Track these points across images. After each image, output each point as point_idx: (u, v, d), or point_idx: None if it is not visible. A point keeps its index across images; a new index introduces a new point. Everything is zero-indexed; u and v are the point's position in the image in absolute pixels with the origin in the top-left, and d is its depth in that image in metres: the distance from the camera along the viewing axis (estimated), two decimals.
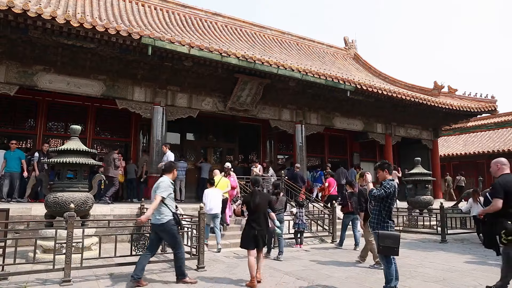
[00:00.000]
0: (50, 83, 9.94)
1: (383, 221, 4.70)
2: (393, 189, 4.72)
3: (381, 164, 4.98)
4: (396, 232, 4.70)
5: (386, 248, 4.48)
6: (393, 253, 4.52)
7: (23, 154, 10.07)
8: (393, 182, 4.82)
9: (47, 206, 6.70)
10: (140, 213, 9.23)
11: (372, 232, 4.94)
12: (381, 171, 4.89)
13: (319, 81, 12.21)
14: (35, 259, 5.61)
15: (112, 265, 5.58)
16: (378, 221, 4.74)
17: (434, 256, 7.61)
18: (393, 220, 4.78)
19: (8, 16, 7.93)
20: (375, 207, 4.84)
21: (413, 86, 17.96)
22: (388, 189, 4.68)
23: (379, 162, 5.12)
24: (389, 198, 4.69)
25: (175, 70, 10.94)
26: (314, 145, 17.30)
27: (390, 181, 4.78)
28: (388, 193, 4.66)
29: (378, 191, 4.72)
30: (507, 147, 21.34)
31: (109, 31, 8.83)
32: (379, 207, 4.76)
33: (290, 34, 19.75)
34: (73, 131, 7.17)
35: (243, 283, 5.18)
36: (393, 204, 4.76)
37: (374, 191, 4.77)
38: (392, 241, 4.48)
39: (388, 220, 4.70)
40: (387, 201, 4.71)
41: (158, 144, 11.08)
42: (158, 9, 15.10)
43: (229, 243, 8.37)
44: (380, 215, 4.74)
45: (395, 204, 5.03)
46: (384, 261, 4.63)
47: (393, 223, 4.78)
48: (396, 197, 4.82)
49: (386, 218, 4.71)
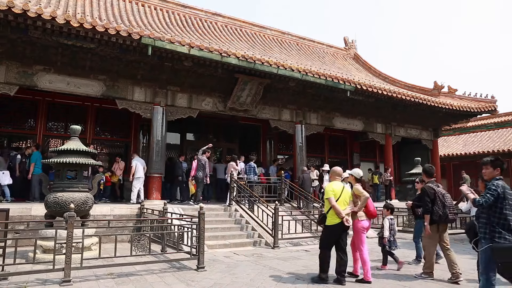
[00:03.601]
0: (50, 83, 9.94)
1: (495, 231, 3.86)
2: (502, 190, 3.88)
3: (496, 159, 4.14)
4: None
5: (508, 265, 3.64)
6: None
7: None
8: (502, 181, 4.00)
9: (47, 206, 6.70)
10: (140, 213, 9.25)
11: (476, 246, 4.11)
12: (492, 168, 4.10)
13: (319, 81, 12.21)
14: (35, 259, 5.61)
15: (112, 265, 5.57)
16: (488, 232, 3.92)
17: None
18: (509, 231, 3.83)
19: (8, 16, 7.93)
20: (482, 216, 4.04)
21: (413, 86, 17.97)
22: (495, 190, 3.88)
23: (491, 158, 4.20)
24: (499, 202, 3.87)
25: (175, 70, 10.94)
26: (314, 145, 17.31)
27: (497, 181, 3.99)
28: (497, 196, 3.85)
29: (483, 197, 3.95)
30: (507, 147, 21.35)
31: (109, 31, 8.83)
32: (488, 214, 3.96)
33: (290, 34, 19.76)
34: (73, 131, 7.17)
35: (243, 283, 5.17)
36: (507, 209, 3.86)
37: (478, 199, 3.98)
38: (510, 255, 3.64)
39: (502, 230, 3.81)
40: (497, 206, 3.90)
41: (158, 144, 11.08)
42: (158, 9, 15.11)
43: (229, 243, 8.38)
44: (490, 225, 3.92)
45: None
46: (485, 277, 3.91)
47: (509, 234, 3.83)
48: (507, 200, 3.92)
49: (499, 227, 3.85)
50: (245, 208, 10.10)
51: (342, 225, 5.24)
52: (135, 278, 5.47)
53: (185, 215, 7.52)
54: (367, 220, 5.69)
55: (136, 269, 5.92)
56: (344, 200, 5.40)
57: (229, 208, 10.38)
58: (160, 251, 7.01)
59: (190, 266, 6.22)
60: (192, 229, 6.41)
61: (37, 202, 9.50)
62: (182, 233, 6.95)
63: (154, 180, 10.99)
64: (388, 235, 6.42)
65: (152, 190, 10.85)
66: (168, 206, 8.75)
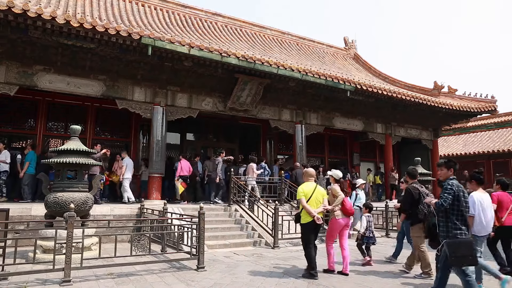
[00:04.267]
0: (50, 83, 9.94)
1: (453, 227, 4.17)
2: (456, 188, 4.19)
3: (448, 161, 4.49)
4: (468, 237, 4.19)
5: (459, 258, 3.98)
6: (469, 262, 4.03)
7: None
8: (455, 180, 4.33)
9: (47, 206, 6.70)
10: (140, 213, 9.25)
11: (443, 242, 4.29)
12: (446, 169, 4.44)
13: (319, 81, 12.21)
14: (35, 259, 5.61)
15: (112, 265, 5.57)
16: (447, 229, 4.20)
17: (434, 256, 7.59)
18: (466, 227, 4.21)
19: (8, 16, 7.93)
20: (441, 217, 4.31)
21: (413, 86, 17.97)
22: (451, 189, 4.19)
23: (444, 160, 4.62)
24: (456, 200, 4.18)
25: (175, 70, 10.94)
26: (314, 145, 17.30)
27: (451, 180, 4.30)
28: (453, 195, 4.16)
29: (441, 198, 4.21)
30: (507, 147, 21.34)
31: (109, 31, 8.83)
32: (445, 212, 4.24)
33: (290, 34, 19.75)
34: (73, 131, 7.17)
35: (243, 283, 5.17)
36: (462, 206, 4.20)
37: (438, 202, 4.23)
38: (465, 248, 3.99)
39: (461, 226, 4.15)
40: (454, 204, 4.19)
41: (158, 144, 11.08)
42: (158, 9, 15.10)
43: (229, 243, 8.38)
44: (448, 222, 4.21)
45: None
46: (462, 275, 4.10)
47: (466, 229, 4.21)
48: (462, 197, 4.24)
49: (458, 223, 4.16)
50: (245, 208, 10.10)
51: (314, 222, 5.64)
52: (135, 278, 5.47)
53: (185, 215, 7.52)
54: (345, 218, 6.00)
55: (136, 269, 5.92)
56: (316, 200, 5.75)
57: (229, 208, 10.38)
58: (160, 251, 7.01)
59: (190, 266, 6.22)
60: (192, 229, 6.41)
61: (30, 202, 9.50)
62: (182, 233, 6.95)
63: (154, 180, 10.99)
64: (363, 231, 6.85)
65: (152, 190, 10.85)
66: (168, 206, 8.74)
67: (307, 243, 5.74)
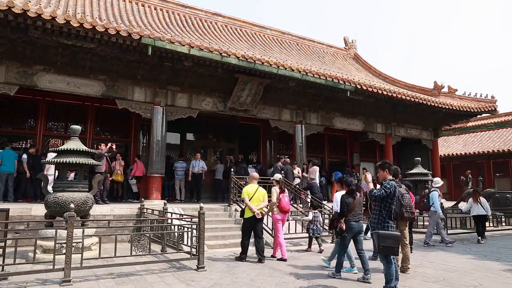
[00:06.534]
0: (50, 83, 9.94)
1: (384, 221, 4.72)
2: (393, 189, 4.73)
3: (382, 163, 5.01)
4: (396, 232, 4.74)
5: (386, 248, 4.51)
6: (393, 253, 4.56)
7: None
8: (394, 182, 4.83)
9: (47, 206, 6.70)
10: (140, 213, 9.25)
11: (372, 232, 4.93)
12: (382, 170, 4.93)
13: (319, 81, 12.21)
14: (35, 259, 5.60)
15: (112, 265, 5.57)
16: (378, 221, 4.76)
17: (434, 256, 7.61)
18: (394, 220, 4.80)
19: (8, 16, 7.93)
20: (375, 207, 4.86)
21: (413, 86, 17.97)
22: (388, 189, 4.70)
23: (379, 162, 5.15)
24: (389, 198, 4.72)
25: (175, 70, 10.94)
26: (314, 145, 17.30)
27: (391, 181, 4.80)
28: (389, 193, 4.70)
29: (379, 191, 4.75)
30: (507, 147, 21.35)
31: (109, 31, 8.83)
32: (380, 207, 4.79)
33: (290, 34, 19.75)
34: (73, 131, 7.16)
35: (243, 283, 5.18)
36: (393, 204, 4.77)
37: (374, 191, 4.80)
38: (392, 241, 4.51)
39: (389, 220, 4.72)
40: (387, 201, 4.73)
41: (158, 144, 11.08)
42: (158, 9, 15.11)
43: (229, 243, 8.37)
44: (380, 215, 4.76)
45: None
46: (384, 261, 4.64)
47: (394, 223, 4.82)
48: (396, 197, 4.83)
49: (387, 218, 4.73)
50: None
51: (255, 217, 6.81)
52: (135, 278, 5.47)
53: (185, 215, 7.52)
54: (280, 214, 7.33)
55: (136, 269, 5.92)
56: (257, 198, 6.99)
57: (229, 208, 10.37)
58: (160, 251, 7.00)
59: (190, 266, 6.21)
60: (192, 229, 6.40)
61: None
62: (182, 233, 6.94)
63: (154, 180, 10.98)
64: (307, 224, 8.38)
65: (152, 190, 10.85)
66: (168, 206, 8.74)
67: (245, 234, 6.91)
